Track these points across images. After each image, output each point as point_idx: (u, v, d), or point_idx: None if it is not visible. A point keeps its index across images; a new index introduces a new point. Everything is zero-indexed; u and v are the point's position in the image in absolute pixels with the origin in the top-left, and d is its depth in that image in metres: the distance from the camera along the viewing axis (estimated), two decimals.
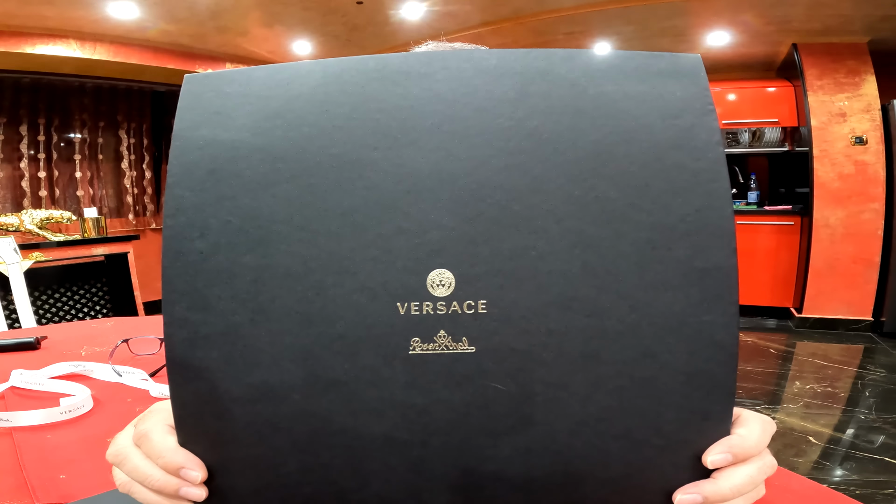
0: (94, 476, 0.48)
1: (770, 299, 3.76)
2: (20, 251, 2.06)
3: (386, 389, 0.26)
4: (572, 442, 0.26)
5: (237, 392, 0.26)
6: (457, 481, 0.27)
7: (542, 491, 0.27)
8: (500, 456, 0.26)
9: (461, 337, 0.26)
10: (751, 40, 3.47)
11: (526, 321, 0.25)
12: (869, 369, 2.69)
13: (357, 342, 0.26)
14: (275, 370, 0.26)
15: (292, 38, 3.37)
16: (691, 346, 0.26)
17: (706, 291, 0.27)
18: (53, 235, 3.06)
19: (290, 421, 0.26)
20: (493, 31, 3.27)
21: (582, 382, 0.26)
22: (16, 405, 0.65)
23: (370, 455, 0.27)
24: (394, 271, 0.25)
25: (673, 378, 0.26)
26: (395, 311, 0.26)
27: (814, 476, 1.68)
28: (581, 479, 0.27)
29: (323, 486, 0.27)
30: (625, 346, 0.26)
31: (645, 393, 0.26)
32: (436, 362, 0.26)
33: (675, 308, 0.26)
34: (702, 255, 0.27)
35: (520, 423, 0.26)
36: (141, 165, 4.29)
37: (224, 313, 0.26)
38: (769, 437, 0.29)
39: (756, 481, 0.28)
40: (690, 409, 0.26)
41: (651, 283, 0.26)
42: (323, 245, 0.26)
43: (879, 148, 3.26)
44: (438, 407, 0.26)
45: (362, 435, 0.26)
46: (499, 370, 0.26)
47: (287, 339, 0.26)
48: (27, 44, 2.74)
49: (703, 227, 0.26)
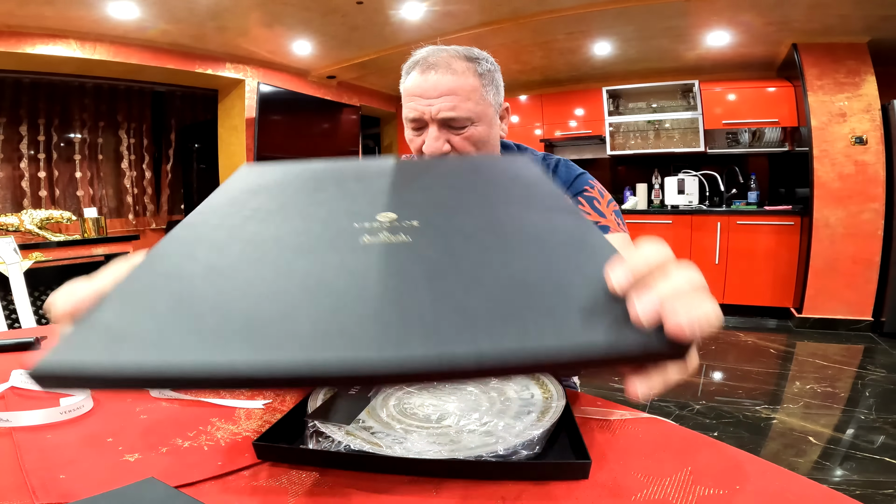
0: (94, 476, 0.48)
1: (770, 299, 3.76)
2: (20, 251, 2.07)
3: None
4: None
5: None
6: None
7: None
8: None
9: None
10: (751, 40, 3.47)
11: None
12: (869, 369, 2.69)
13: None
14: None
15: (292, 38, 3.36)
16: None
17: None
18: (53, 235, 3.06)
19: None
20: (493, 31, 3.27)
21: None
22: (16, 405, 0.65)
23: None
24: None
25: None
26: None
27: (814, 476, 1.68)
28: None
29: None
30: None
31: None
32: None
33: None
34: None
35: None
36: (141, 165, 4.29)
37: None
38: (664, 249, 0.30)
39: (664, 252, 0.28)
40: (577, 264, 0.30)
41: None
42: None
43: (879, 148, 3.26)
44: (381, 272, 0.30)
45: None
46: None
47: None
48: (27, 44, 2.73)
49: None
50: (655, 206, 4.32)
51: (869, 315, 3.36)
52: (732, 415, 2.19)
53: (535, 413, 0.57)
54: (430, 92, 0.77)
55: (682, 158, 4.32)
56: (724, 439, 0.79)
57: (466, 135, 0.79)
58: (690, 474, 0.46)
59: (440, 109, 0.76)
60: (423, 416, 0.58)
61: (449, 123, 0.78)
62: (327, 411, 0.56)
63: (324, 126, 4.29)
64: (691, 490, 0.44)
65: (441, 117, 0.77)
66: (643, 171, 4.58)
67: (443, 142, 0.78)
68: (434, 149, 0.78)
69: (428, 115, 0.77)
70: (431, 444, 0.51)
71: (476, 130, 0.79)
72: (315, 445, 0.51)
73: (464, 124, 0.78)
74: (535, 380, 0.66)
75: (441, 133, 0.78)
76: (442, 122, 0.77)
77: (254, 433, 0.57)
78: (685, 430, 0.55)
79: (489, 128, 0.81)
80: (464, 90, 0.77)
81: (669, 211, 4.06)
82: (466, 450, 0.49)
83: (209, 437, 0.56)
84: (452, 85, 0.76)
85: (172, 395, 0.68)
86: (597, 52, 3.84)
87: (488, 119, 0.81)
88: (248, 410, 0.64)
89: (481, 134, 0.80)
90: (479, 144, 0.80)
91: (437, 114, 0.77)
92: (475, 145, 0.79)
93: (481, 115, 0.79)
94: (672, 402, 2.34)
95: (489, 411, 0.59)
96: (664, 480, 0.45)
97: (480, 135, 0.79)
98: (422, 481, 0.47)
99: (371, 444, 0.50)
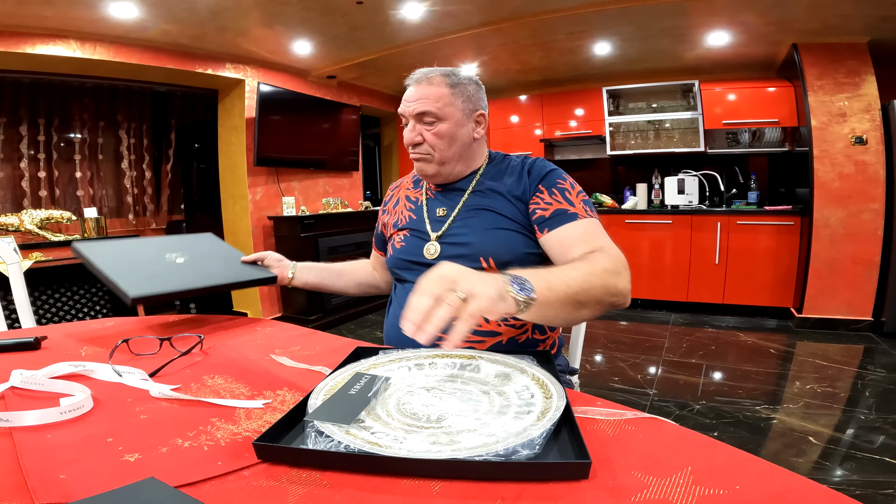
0: (94, 476, 0.48)
1: (770, 299, 3.76)
2: (20, 251, 2.07)
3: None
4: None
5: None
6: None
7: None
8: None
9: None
10: (751, 40, 3.47)
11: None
12: (869, 369, 2.69)
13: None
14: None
15: (292, 38, 3.36)
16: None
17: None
18: (53, 235, 3.06)
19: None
20: (493, 31, 3.27)
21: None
22: (16, 405, 0.65)
23: None
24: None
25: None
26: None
27: (814, 476, 1.68)
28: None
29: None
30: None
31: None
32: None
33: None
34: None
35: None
36: (141, 165, 4.29)
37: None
38: (435, 280, 0.61)
39: (428, 287, 0.60)
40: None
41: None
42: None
43: (879, 148, 3.26)
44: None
45: None
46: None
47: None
48: (27, 44, 2.73)
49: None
50: (655, 206, 4.32)
51: (869, 315, 3.36)
52: (732, 415, 2.19)
53: (535, 413, 0.57)
54: (411, 96, 1.03)
55: (682, 158, 4.32)
56: (724, 439, 0.79)
57: (434, 130, 1.02)
58: (690, 474, 0.46)
59: (415, 108, 1.02)
60: (423, 416, 0.58)
61: (422, 119, 1.02)
62: (327, 411, 0.56)
63: (324, 126, 4.29)
64: (691, 490, 0.44)
65: (415, 113, 1.02)
66: (643, 171, 4.58)
67: (416, 133, 1.03)
68: (408, 139, 1.04)
69: (408, 112, 1.03)
70: (431, 444, 0.51)
71: (443, 127, 1.02)
72: (315, 445, 0.51)
73: (432, 119, 1.02)
74: (536, 380, 0.66)
75: (416, 126, 1.03)
76: (416, 117, 1.02)
77: (254, 433, 0.57)
78: (685, 430, 0.55)
79: (456, 127, 1.03)
80: (434, 95, 1.01)
81: (669, 211, 4.06)
82: (466, 450, 0.49)
83: (209, 437, 0.56)
84: (426, 92, 1.02)
85: (172, 396, 0.68)
86: (597, 52, 3.84)
87: (455, 120, 1.03)
88: (248, 410, 0.64)
89: (447, 130, 1.02)
90: (446, 138, 1.03)
91: (413, 111, 1.02)
92: (442, 138, 1.02)
93: (447, 115, 1.02)
94: (672, 402, 2.34)
95: (489, 411, 0.59)
96: (664, 480, 0.45)
97: (447, 131, 1.02)
98: (422, 481, 0.47)
99: (371, 444, 0.50)
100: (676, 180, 4.16)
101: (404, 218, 1.13)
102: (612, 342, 3.32)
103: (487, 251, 0.98)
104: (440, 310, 0.58)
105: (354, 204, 4.82)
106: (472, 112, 1.05)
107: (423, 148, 1.03)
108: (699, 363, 2.87)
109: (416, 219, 1.10)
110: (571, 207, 0.97)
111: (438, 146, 1.02)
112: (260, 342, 0.97)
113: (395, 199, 1.21)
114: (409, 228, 1.10)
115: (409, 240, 1.08)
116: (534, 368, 0.69)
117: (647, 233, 4.09)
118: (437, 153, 1.03)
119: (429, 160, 1.04)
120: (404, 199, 1.17)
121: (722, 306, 3.90)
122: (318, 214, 4.00)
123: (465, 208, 1.05)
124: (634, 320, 3.87)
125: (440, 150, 1.03)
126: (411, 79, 1.05)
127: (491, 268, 0.96)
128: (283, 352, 0.91)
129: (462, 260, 0.96)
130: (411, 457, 0.47)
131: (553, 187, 1.00)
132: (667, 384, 2.58)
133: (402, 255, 1.08)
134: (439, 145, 1.02)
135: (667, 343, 3.25)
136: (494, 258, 0.97)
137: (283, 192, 4.09)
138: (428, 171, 1.06)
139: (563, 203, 0.97)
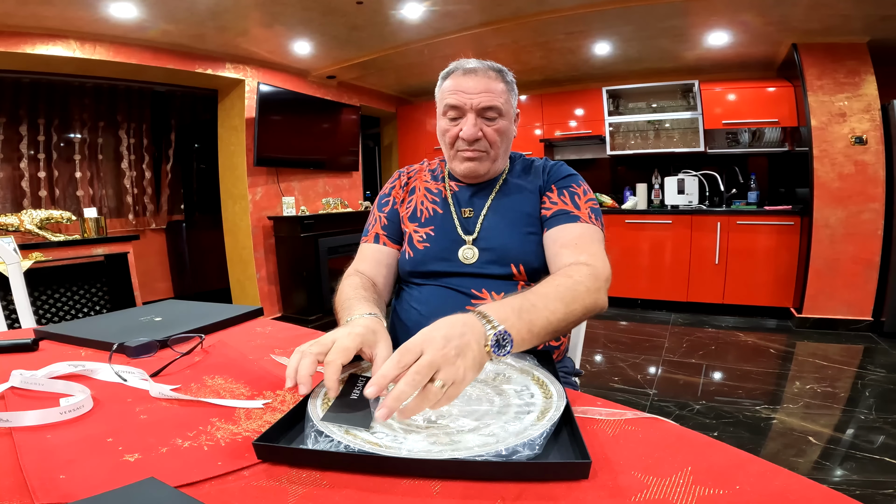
0: (94, 476, 0.48)
1: (770, 299, 3.76)
2: (20, 251, 2.07)
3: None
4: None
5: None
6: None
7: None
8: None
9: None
10: (751, 40, 3.47)
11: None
12: (869, 369, 2.69)
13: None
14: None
15: (292, 38, 3.36)
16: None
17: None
18: (53, 235, 3.06)
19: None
20: (493, 31, 3.27)
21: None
22: (16, 405, 0.65)
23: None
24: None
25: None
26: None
27: (814, 476, 1.68)
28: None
29: None
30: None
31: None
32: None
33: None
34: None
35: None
36: (141, 165, 4.29)
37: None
38: (419, 370, 0.53)
39: (396, 360, 0.54)
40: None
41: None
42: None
43: (879, 148, 3.26)
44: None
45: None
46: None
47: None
48: (27, 44, 2.73)
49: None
50: (655, 206, 4.32)
51: (869, 315, 3.36)
52: (732, 415, 2.19)
53: (535, 413, 0.57)
54: (472, 88, 0.95)
55: (682, 158, 4.32)
56: (724, 439, 0.79)
57: (496, 126, 0.97)
58: (690, 474, 0.46)
59: (480, 101, 0.94)
60: (424, 416, 0.58)
61: (484, 114, 0.96)
62: (344, 417, 0.56)
63: (324, 126, 4.29)
64: (691, 490, 0.44)
65: (480, 106, 0.95)
66: (643, 171, 4.58)
67: (478, 128, 0.96)
68: (471, 134, 0.95)
69: (469, 105, 0.95)
70: (431, 445, 0.51)
71: (502, 123, 0.98)
72: (315, 445, 0.51)
73: (495, 116, 0.96)
74: (536, 380, 0.66)
75: (478, 121, 0.96)
76: (479, 111, 0.95)
77: (254, 433, 0.57)
78: (685, 430, 0.55)
79: (510, 125, 1.00)
80: (496, 90, 0.96)
81: (669, 211, 4.06)
82: (466, 450, 0.49)
83: (209, 437, 0.56)
84: (491, 85, 0.95)
85: (172, 396, 0.68)
86: (597, 52, 3.84)
87: (510, 117, 1.00)
88: (248, 410, 0.64)
89: (505, 128, 0.99)
90: (503, 136, 0.99)
91: (478, 104, 0.95)
92: (500, 135, 0.98)
93: (506, 112, 0.98)
94: (672, 402, 2.34)
95: (489, 411, 0.59)
96: (664, 480, 0.45)
97: (505, 128, 0.98)
98: (422, 481, 0.47)
99: (371, 444, 0.50)
100: (676, 180, 4.16)
101: (427, 211, 1.05)
102: (612, 342, 3.32)
103: (518, 258, 0.96)
104: (420, 402, 0.52)
105: (354, 204, 4.82)
106: (516, 111, 1.04)
107: (481, 144, 0.97)
108: (699, 363, 2.87)
109: (443, 214, 1.03)
110: (575, 210, 0.97)
111: (497, 143, 0.97)
112: (260, 342, 0.97)
113: (412, 188, 1.11)
114: (433, 226, 1.03)
115: (434, 239, 1.01)
116: (534, 369, 0.69)
117: (647, 233, 4.09)
118: (493, 150, 0.98)
119: (484, 158, 0.98)
120: (424, 191, 1.09)
121: (722, 306, 3.90)
122: (318, 214, 4.00)
123: (491, 209, 1.02)
124: (634, 320, 3.87)
125: (497, 148, 0.98)
126: (460, 68, 0.98)
127: (521, 273, 0.96)
128: (283, 352, 0.91)
129: (494, 266, 0.96)
130: (411, 457, 0.47)
131: (565, 189, 1.00)
132: (667, 384, 2.58)
133: (429, 256, 1.00)
134: (498, 142, 0.97)
135: (667, 343, 3.25)
136: (525, 265, 0.96)
137: (282, 192, 4.09)
138: (480, 171, 1.00)
139: (569, 205, 0.97)
